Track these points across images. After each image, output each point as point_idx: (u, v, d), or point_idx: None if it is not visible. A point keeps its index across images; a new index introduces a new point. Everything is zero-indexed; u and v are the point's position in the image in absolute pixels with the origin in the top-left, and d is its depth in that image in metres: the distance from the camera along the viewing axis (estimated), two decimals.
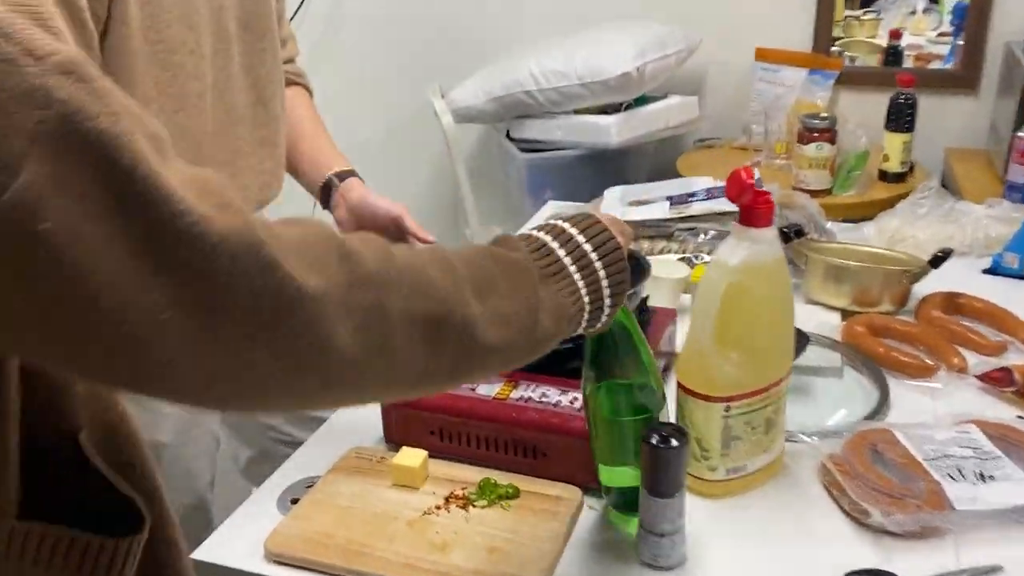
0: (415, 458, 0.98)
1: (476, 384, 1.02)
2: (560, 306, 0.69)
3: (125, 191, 0.46)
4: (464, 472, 0.99)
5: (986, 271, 1.51)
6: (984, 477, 0.94)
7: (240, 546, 0.91)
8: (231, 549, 0.91)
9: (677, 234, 1.57)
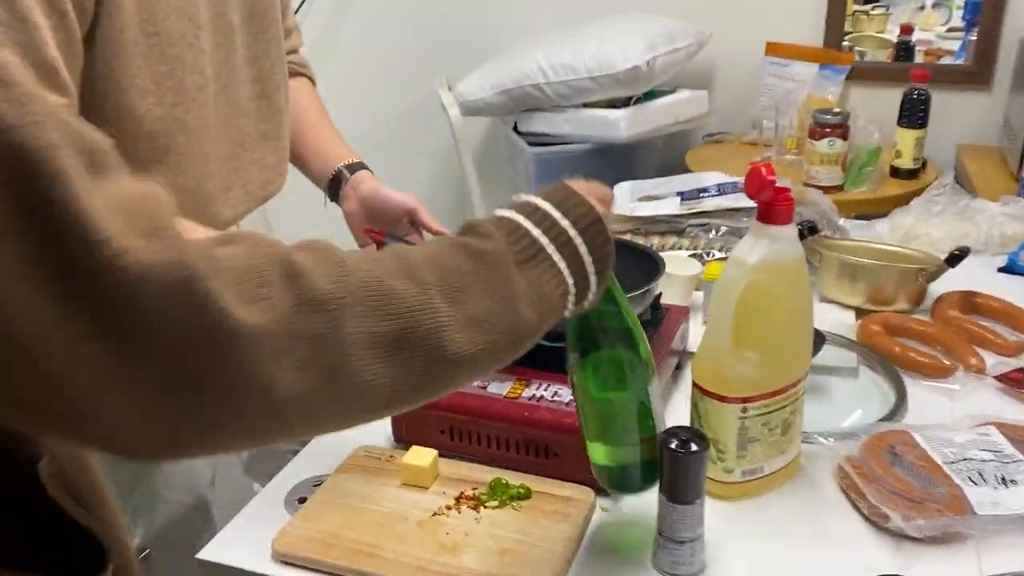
0: (425, 457, 0.96)
1: (485, 384, 1.01)
2: (542, 293, 0.65)
3: (38, 214, 0.42)
4: (474, 472, 0.97)
5: (1001, 269, 1.50)
6: (1006, 481, 0.92)
7: (247, 546, 0.90)
8: (238, 549, 0.90)
9: (688, 230, 1.55)
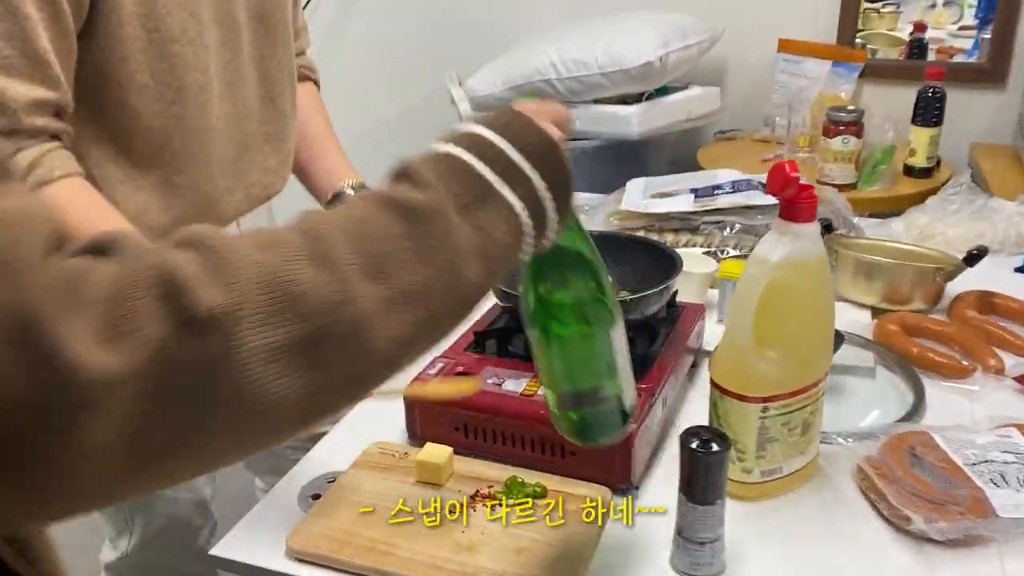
0: (440, 455, 0.95)
1: (500, 381, 1.00)
2: (491, 240, 0.57)
3: None
4: (490, 470, 0.96)
5: (1018, 269, 1.49)
6: None
7: (261, 542, 0.89)
8: (251, 545, 0.89)
9: (702, 227, 1.54)
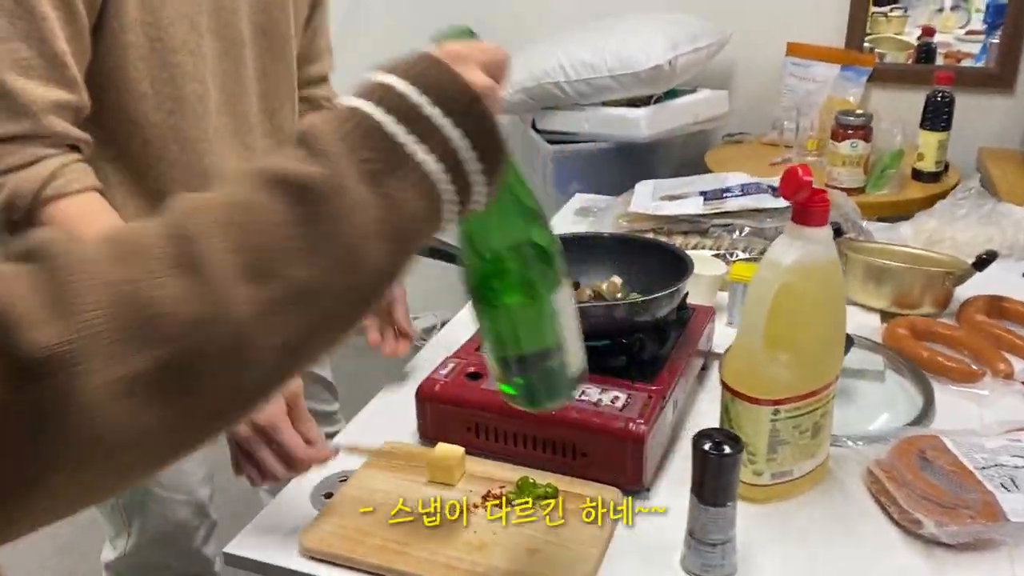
0: (452, 455, 0.95)
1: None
2: (401, 214, 0.50)
3: None
4: (501, 470, 0.97)
5: None
6: None
7: (273, 540, 0.89)
8: (264, 543, 0.89)
9: (711, 230, 1.55)
